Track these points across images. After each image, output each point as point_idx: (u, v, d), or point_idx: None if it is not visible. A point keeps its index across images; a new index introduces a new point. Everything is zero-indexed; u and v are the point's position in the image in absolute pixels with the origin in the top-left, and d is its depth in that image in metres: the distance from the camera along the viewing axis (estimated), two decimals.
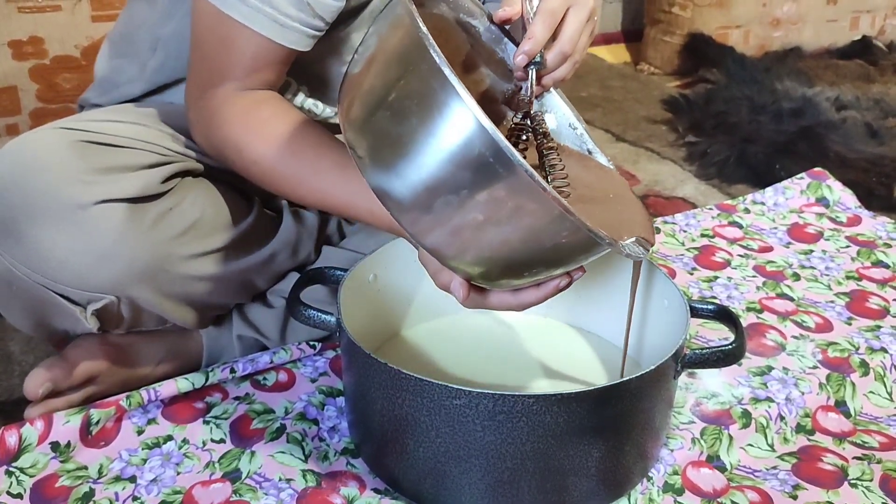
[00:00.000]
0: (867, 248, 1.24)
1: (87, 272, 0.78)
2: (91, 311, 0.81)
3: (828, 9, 2.25)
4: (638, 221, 0.73)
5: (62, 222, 0.76)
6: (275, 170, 0.79)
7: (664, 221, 1.31)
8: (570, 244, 0.60)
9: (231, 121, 0.79)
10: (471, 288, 0.69)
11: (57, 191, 0.76)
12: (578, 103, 1.91)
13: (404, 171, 0.59)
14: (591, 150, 0.81)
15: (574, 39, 0.75)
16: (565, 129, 0.81)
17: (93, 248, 0.77)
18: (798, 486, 0.81)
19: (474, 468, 0.72)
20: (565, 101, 0.82)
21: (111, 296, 0.80)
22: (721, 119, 1.72)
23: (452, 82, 0.54)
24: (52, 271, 0.78)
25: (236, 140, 0.79)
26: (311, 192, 0.79)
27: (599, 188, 0.77)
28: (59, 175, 0.76)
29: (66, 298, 0.80)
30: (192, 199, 0.84)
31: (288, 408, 0.88)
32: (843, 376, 0.95)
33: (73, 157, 0.77)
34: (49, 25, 1.40)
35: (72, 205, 0.76)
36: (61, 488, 0.78)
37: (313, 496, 0.77)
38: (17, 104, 1.43)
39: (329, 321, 0.80)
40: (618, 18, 2.39)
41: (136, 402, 0.85)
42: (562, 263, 0.65)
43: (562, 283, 0.68)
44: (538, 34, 0.72)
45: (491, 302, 0.71)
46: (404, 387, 0.71)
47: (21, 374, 0.94)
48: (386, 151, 0.60)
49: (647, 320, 0.88)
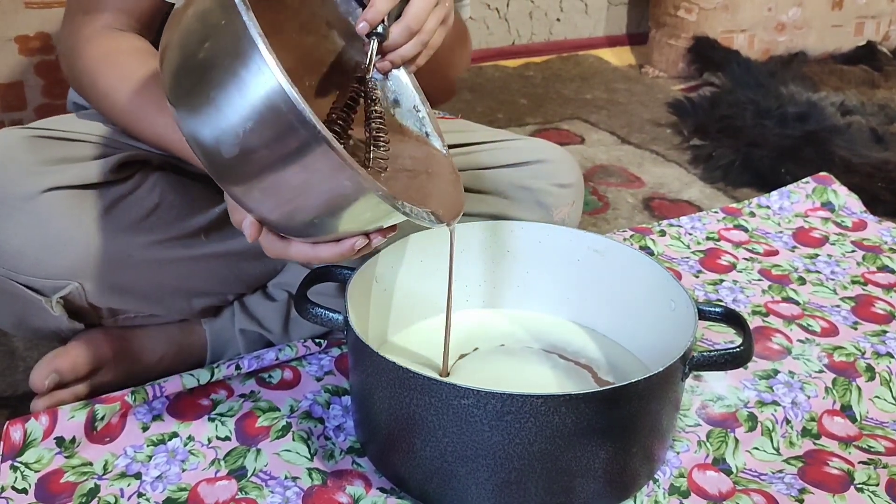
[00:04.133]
0: (873, 253, 1.24)
1: (42, 259, 0.81)
2: (56, 298, 0.83)
3: (833, 14, 2.25)
4: (444, 199, 0.75)
5: (15, 213, 0.79)
6: (121, 103, 0.82)
7: (669, 224, 1.31)
8: (354, 198, 0.61)
9: (93, 54, 0.83)
10: (266, 231, 0.69)
11: (9, 184, 0.79)
12: (583, 105, 1.92)
13: (214, 123, 0.59)
14: (429, 133, 0.83)
15: (420, 17, 0.76)
16: (408, 111, 0.82)
17: (45, 235, 0.80)
18: (804, 489, 0.80)
19: (481, 468, 0.72)
20: (412, 84, 0.82)
21: (73, 282, 0.83)
22: (726, 123, 1.72)
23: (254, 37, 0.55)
24: (11, 261, 0.81)
25: (94, 70, 0.83)
26: (151, 128, 0.82)
27: (421, 165, 0.79)
28: (9, 167, 0.80)
29: (31, 289, 0.82)
30: (149, 187, 0.87)
31: (293, 406, 0.88)
32: (849, 381, 0.95)
33: (24, 151, 0.81)
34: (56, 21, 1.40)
35: (22, 195, 0.79)
36: (66, 484, 0.78)
37: (319, 494, 0.77)
38: (22, 99, 1.43)
39: (336, 319, 0.79)
40: (623, 21, 2.39)
41: (140, 397, 0.85)
42: (354, 221, 0.65)
43: (358, 242, 0.67)
44: (379, 4, 0.73)
45: (290, 251, 0.70)
46: (412, 386, 0.71)
47: (25, 369, 0.94)
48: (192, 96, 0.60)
49: (654, 322, 0.88)
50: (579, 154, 1.63)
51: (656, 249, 1.23)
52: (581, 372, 0.90)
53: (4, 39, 1.38)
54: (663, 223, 1.31)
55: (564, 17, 2.31)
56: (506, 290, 0.99)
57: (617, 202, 1.45)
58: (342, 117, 0.75)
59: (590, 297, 0.96)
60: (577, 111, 1.89)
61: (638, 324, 0.92)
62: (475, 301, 0.98)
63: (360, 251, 0.68)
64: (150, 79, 0.81)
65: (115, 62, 0.83)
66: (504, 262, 0.97)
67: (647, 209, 1.43)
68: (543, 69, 2.17)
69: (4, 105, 1.43)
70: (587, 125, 1.81)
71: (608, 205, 1.44)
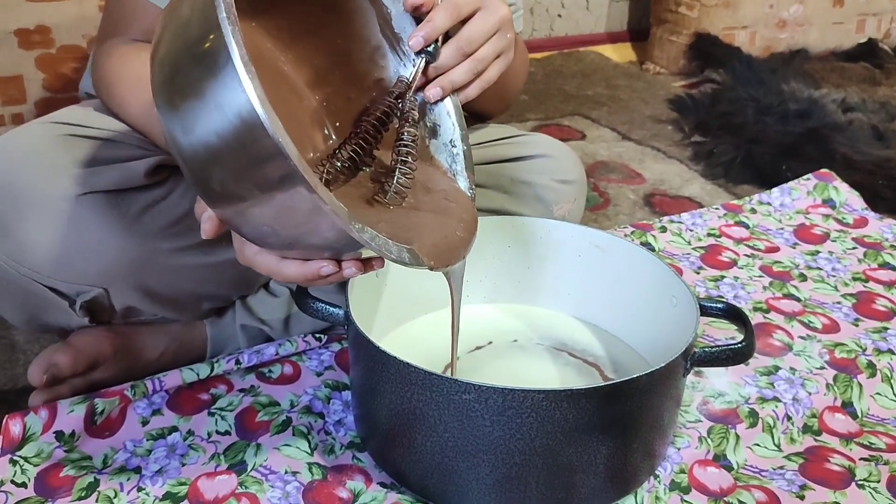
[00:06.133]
0: (874, 250, 1.24)
1: (73, 264, 0.79)
2: (80, 303, 0.81)
3: (834, 11, 2.24)
4: (441, 242, 0.69)
5: (48, 215, 0.77)
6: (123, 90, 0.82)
7: (670, 220, 1.31)
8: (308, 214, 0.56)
9: (112, 59, 0.83)
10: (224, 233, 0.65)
11: (42, 184, 0.77)
12: (584, 102, 1.92)
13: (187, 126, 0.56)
14: (457, 173, 0.77)
15: (474, 40, 0.72)
16: (444, 144, 0.77)
17: (78, 239, 0.78)
18: (805, 486, 0.80)
19: (482, 463, 0.71)
20: (456, 117, 0.76)
21: (99, 287, 0.81)
22: (727, 119, 1.71)
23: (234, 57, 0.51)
24: (39, 264, 0.78)
25: (109, 69, 0.83)
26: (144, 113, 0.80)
27: (433, 201, 0.73)
28: (44, 169, 0.77)
29: (56, 291, 0.80)
30: (181, 192, 0.85)
31: (293, 401, 0.88)
32: (850, 377, 0.95)
33: (58, 150, 0.79)
34: (56, 14, 1.40)
35: (56, 197, 0.77)
36: (66, 478, 0.77)
37: (319, 489, 0.77)
38: (22, 93, 1.43)
39: (337, 314, 0.79)
40: (624, 18, 2.39)
41: (140, 392, 0.85)
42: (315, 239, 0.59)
43: (325, 269, 0.62)
44: (437, 20, 0.70)
45: (256, 260, 0.66)
46: (413, 381, 0.71)
47: (25, 363, 0.94)
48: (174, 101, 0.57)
49: (655, 317, 0.88)
50: (580, 150, 1.63)
51: (657, 246, 1.23)
52: (590, 370, 0.90)
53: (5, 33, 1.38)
54: (664, 219, 1.31)
55: (566, 13, 2.30)
56: (506, 285, 0.98)
57: (618, 198, 1.45)
58: (368, 132, 0.71)
59: (591, 293, 0.96)
60: (578, 107, 1.89)
61: (639, 319, 0.91)
62: (476, 297, 0.98)
63: (327, 277, 0.63)
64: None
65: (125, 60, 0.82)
66: (504, 257, 0.97)
67: (647, 205, 1.43)
68: (544, 65, 2.16)
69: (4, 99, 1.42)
70: (588, 121, 1.81)
71: (609, 201, 1.44)
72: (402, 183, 0.69)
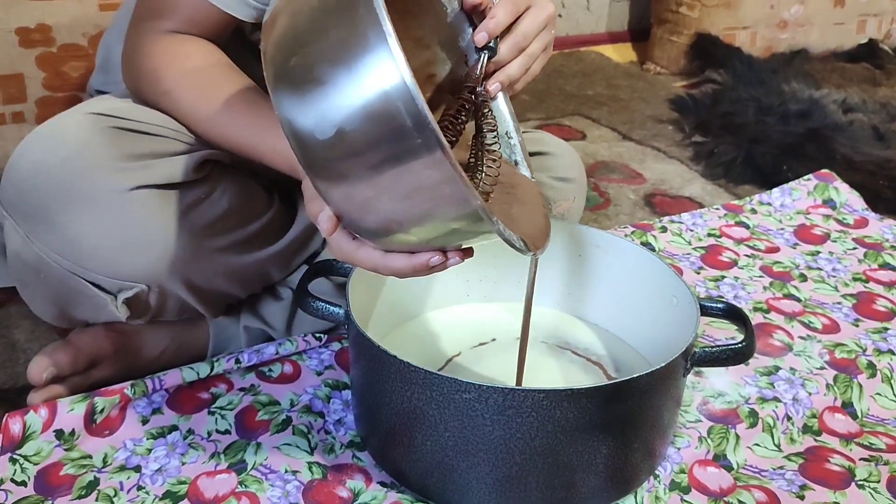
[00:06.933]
0: (874, 251, 1.24)
1: (120, 260, 0.77)
2: (122, 299, 0.80)
3: (835, 12, 2.24)
4: (532, 227, 0.71)
5: (96, 208, 0.75)
6: (184, 100, 0.80)
7: (671, 220, 1.31)
8: (452, 209, 0.57)
9: (155, 52, 0.81)
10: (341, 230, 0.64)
11: (91, 177, 0.75)
12: (585, 102, 1.92)
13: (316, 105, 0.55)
14: (518, 162, 0.79)
15: (528, 35, 0.74)
16: (500, 136, 0.78)
17: (127, 235, 0.77)
18: (805, 486, 0.80)
19: (482, 462, 0.71)
20: (508, 108, 0.80)
21: (143, 284, 0.80)
22: (728, 119, 1.71)
23: (386, 32, 0.51)
24: (84, 259, 0.77)
25: (154, 68, 0.81)
26: (217, 127, 0.79)
27: (516, 191, 0.76)
28: (93, 161, 0.75)
29: (97, 286, 0.79)
30: (222, 189, 0.84)
31: (293, 400, 0.88)
32: (850, 377, 0.95)
33: (106, 143, 0.77)
34: (57, 13, 1.39)
35: (106, 191, 0.75)
36: (66, 476, 0.77)
37: (319, 488, 0.77)
38: (23, 92, 1.43)
39: (337, 313, 0.79)
40: (624, 18, 2.39)
41: (140, 390, 0.85)
42: (438, 233, 0.60)
43: (433, 259, 0.63)
44: (500, 16, 0.71)
45: (359, 255, 0.65)
46: (413, 380, 0.71)
47: (26, 361, 0.93)
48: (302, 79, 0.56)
49: (656, 317, 0.88)
50: (581, 150, 1.63)
51: (657, 246, 1.23)
52: (594, 369, 0.90)
53: (5, 31, 1.38)
54: (664, 219, 1.31)
55: (566, 13, 2.30)
56: (506, 284, 0.98)
57: (618, 198, 1.45)
58: (448, 128, 0.71)
59: (592, 293, 0.96)
60: (579, 107, 1.89)
61: (639, 319, 0.91)
62: (476, 295, 0.98)
63: (432, 268, 0.64)
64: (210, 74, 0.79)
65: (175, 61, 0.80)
66: (504, 256, 0.97)
67: (648, 205, 1.43)
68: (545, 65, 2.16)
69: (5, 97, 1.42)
70: (589, 121, 1.81)
71: (609, 201, 1.44)
72: (490, 173, 0.69)
